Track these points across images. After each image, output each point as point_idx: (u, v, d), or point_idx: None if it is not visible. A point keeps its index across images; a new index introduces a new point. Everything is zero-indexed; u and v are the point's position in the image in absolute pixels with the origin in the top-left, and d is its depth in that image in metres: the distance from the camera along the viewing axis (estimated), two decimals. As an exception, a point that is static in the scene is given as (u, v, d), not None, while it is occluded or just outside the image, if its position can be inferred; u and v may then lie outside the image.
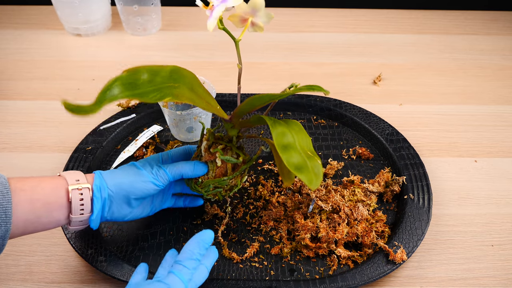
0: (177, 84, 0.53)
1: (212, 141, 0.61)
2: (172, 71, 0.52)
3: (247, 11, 0.54)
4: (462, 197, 0.73)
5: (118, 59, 1.02)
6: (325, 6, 1.21)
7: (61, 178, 0.55)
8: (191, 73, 0.55)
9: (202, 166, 0.60)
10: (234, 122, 0.60)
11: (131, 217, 0.60)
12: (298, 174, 0.50)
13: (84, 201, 0.55)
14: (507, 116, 0.89)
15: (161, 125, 0.84)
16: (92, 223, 0.56)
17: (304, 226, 0.64)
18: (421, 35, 1.11)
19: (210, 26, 0.52)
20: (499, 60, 1.03)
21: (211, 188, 0.61)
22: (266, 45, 1.07)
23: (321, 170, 0.52)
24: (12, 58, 1.01)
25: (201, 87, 0.57)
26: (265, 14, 0.54)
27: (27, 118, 0.86)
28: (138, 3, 1.04)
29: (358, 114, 0.84)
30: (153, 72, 0.51)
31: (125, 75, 0.49)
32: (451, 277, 0.63)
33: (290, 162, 0.51)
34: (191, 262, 0.54)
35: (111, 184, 0.57)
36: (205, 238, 0.56)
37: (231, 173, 0.61)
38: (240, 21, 0.55)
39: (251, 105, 0.55)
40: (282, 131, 0.53)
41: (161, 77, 0.51)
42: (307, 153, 0.53)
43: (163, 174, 0.59)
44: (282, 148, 0.52)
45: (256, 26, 0.55)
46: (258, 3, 0.53)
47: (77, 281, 0.62)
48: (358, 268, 0.61)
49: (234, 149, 0.61)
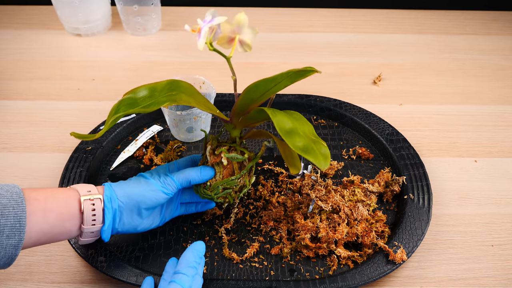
0: (174, 92, 0.56)
1: (216, 145, 0.62)
2: (169, 83, 0.56)
3: (233, 30, 0.55)
4: (462, 197, 0.73)
5: (118, 59, 1.02)
6: (324, 6, 1.21)
7: (73, 189, 0.56)
8: (188, 83, 0.58)
9: (208, 170, 0.61)
10: (234, 122, 0.60)
11: (142, 228, 0.61)
12: (306, 156, 0.51)
13: (96, 212, 0.55)
14: (507, 116, 0.89)
15: (161, 125, 0.84)
16: (104, 234, 0.57)
17: (304, 226, 0.64)
18: (421, 35, 1.11)
19: (200, 46, 0.54)
20: (499, 60, 1.03)
21: (220, 190, 0.61)
22: (265, 45, 1.07)
23: (328, 152, 0.53)
24: (12, 58, 1.01)
25: (198, 95, 0.59)
26: (250, 30, 0.55)
27: (27, 118, 0.86)
28: (138, 3, 1.04)
29: (358, 114, 0.84)
30: (151, 88, 0.55)
31: (126, 98, 0.53)
32: (451, 277, 0.63)
33: (296, 146, 0.51)
34: (190, 270, 0.55)
35: (120, 194, 0.58)
36: (199, 248, 0.58)
37: (238, 172, 0.61)
38: (228, 42, 0.56)
39: (249, 99, 0.56)
40: (282, 118, 0.54)
41: (158, 91, 0.55)
42: (311, 137, 0.54)
43: (171, 182, 0.59)
44: (285, 133, 0.52)
45: (244, 45, 0.56)
46: (242, 19, 0.54)
47: (77, 281, 0.62)
48: (358, 268, 0.61)
49: (238, 148, 0.61)
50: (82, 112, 0.87)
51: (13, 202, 0.50)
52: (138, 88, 0.54)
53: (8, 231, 0.49)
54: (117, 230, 0.59)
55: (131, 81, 0.96)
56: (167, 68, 0.99)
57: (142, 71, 0.99)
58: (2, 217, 0.49)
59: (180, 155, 0.79)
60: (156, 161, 0.76)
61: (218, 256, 0.64)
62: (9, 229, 0.49)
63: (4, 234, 0.49)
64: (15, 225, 0.49)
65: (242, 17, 0.54)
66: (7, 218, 0.49)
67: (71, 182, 0.72)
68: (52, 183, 0.74)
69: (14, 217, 0.49)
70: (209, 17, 0.55)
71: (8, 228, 0.49)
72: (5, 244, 0.49)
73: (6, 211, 0.49)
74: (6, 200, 0.50)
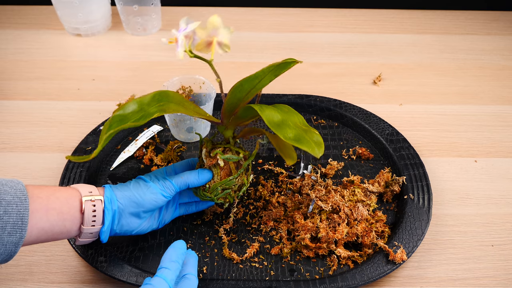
0: (162, 102, 0.56)
1: (211, 147, 0.62)
2: (156, 94, 0.56)
3: (208, 33, 0.55)
4: (462, 197, 0.73)
5: (118, 59, 1.02)
6: (325, 6, 1.21)
7: (74, 189, 0.56)
8: (176, 93, 0.59)
9: (206, 173, 0.61)
10: (225, 123, 0.61)
11: (139, 231, 0.61)
12: (299, 145, 0.51)
13: (96, 213, 0.56)
14: (507, 116, 0.89)
15: (161, 125, 0.84)
16: (103, 235, 0.57)
17: (304, 226, 0.64)
18: (421, 35, 1.11)
19: (180, 55, 0.54)
20: (499, 60, 1.03)
21: (219, 191, 0.62)
22: (265, 45, 1.07)
23: (321, 139, 0.53)
24: (12, 58, 1.01)
25: (187, 102, 0.60)
26: (226, 30, 0.56)
27: (27, 118, 0.86)
28: (138, 3, 1.04)
29: (358, 114, 0.84)
30: (139, 102, 0.55)
31: (116, 115, 0.53)
32: (451, 277, 0.63)
33: (287, 137, 0.52)
34: (171, 264, 0.55)
35: (120, 196, 0.58)
36: (179, 245, 0.57)
37: (236, 172, 0.62)
38: (206, 46, 0.57)
39: (236, 98, 0.56)
40: (270, 112, 0.54)
41: (146, 104, 0.55)
42: (302, 127, 0.54)
43: (170, 185, 0.60)
44: (275, 126, 0.52)
45: (223, 45, 0.56)
46: (216, 22, 0.55)
47: (77, 281, 0.62)
48: (358, 268, 0.61)
49: (233, 149, 0.62)
50: (82, 112, 0.87)
51: (17, 199, 0.50)
52: (126, 104, 0.54)
53: (10, 228, 0.49)
54: (115, 232, 0.59)
55: (131, 81, 0.96)
56: (167, 68, 0.99)
57: (142, 71, 0.99)
58: (5, 214, 0.49)
59: (180, 155, 0.79)
60: (156, 161, 0.76)
61: (218, 256, 0.64)
62: (11, 226, 0.49)
63: (6, 231, 0.49)
64: (17, 223, 0.49)
65: (215, 20, 0.55)
66: (10, 215, 0.49)
67: (71, 182, 0.72)
68: (52, 183, 0.74)
69: (17, 215, 0.49)
70: (183, 25, 0.55)
71: (10, 225, 0.49)
72: (5, 241, 0.49)
73: (10, 208, 0.49)
74: (10, 197, 0.50)
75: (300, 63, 0.53)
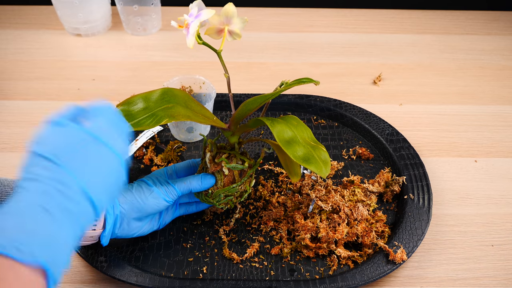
0: (170, 104, 0.55)
1: (215, 151, 0.62)
2: (163, 92, 0.55)
3: (221, 21, 0.54)
4: (462, 197, 0.73)
5: (118, 59, 1.02)
6: (325, 6, 1.20)
7: None
8: (183, 91, 0.58)
9: (209, 178, 0.61)
10: (233, 129, 0.61)
11: (140, 233, 0.61)
12: (307, 165, 0.51)
13: None
14: (507, 116, 0.89)
15: (161, 125, 0.83)
16: (104, 239, 0.57)
17: (304, 226, 0.64)
18: (421, 35, 1.11)
19: (190, 43, 0.52)
20: (499, 60, 1.03)
21: (222, 197, 0.62)
22: (266, 45, 1.06)
23: (328, 157, 0.54)
24: (12, 58, 1.01)
25: (194, 102, 0.59)
26: (239, 20, 0.55)
27: (27, 118, 0.86)
28: (138, 3, 1.04)
29: (358, 114, 0.84)
30: (146, 98, 0.54)
31: (121, 109, 0.52)
32: (451, 277, 0.63)
33: (296, 156, 0.52)
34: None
35: (122, 201, 0.58)
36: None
37: (239, 179, 0.61)
38: (217, 32, 0.55)
39: (247, 109, 0.56)
40: (281, 128, 0.54)
41: (153, 102, 0.54)
42: (310, 143, 0.54)
43: (173, 190, 0.60)
44: (285, 143, 0.52)
45: (234, 34, 0.55)
46: (231, 11, 0.53)
47: (77, 281, 0.62)
48: (358, 268, 0.61)
49: (238, 156, 0.61)
50: (82, 112, 0.87)
51: None
52: (132, 99, 0.53)
53: None
54: (116, 235, 0.59)
55: (131, 81, 0.96)
56: (167, 68, 0.99)
57: (142, 71, 0.99)
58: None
59: (180, 155, 0.79)
60: (156, 161, 0.76)
61: (218, 256, 0.64)
62: None
63: None
64: None
65: (230, 8, 0.54)
66: None
67: (71, 182, 0.71)
68: (52, 183, 0.74)
69: None
70: (195, 9, 0.52)
71: None
72: None
73: None
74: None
75: (317, 84, 0.53)
